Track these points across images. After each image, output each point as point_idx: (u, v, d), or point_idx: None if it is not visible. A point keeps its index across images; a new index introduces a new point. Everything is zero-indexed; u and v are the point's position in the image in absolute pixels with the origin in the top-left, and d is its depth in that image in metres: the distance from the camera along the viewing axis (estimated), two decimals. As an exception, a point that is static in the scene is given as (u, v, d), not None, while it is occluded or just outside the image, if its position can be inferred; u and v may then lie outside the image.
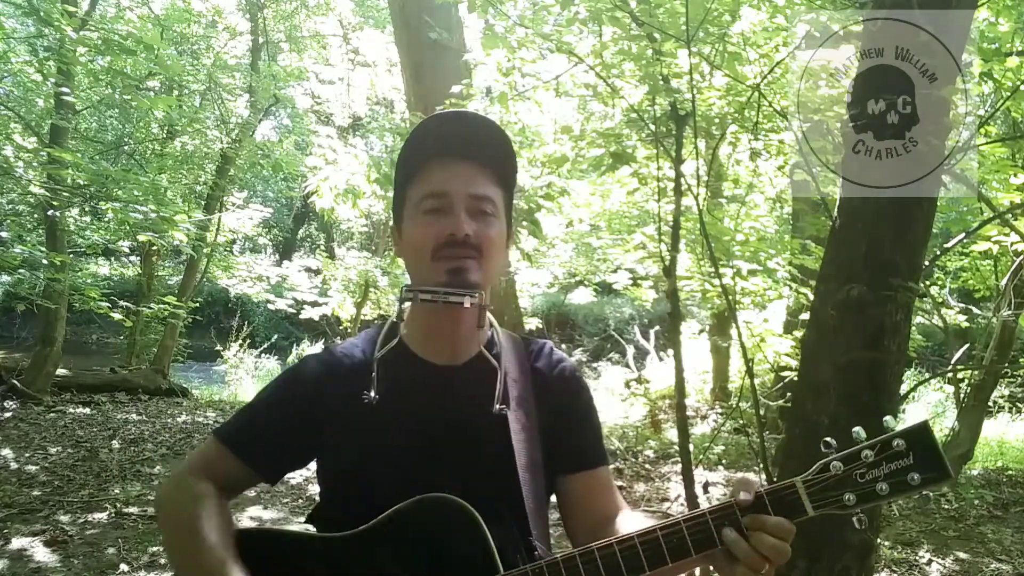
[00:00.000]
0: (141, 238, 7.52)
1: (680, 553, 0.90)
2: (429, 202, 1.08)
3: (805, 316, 2.97)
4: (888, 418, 0.91)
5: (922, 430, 0.89)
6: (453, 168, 1.09)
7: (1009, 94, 3.06)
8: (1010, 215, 3.21)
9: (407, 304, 1.10)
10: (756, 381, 3.23)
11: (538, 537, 1.05)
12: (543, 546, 1.06)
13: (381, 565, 1.00)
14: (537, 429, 1.11)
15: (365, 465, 1.07)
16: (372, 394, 1.06)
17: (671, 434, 6.27)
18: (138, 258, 10.90)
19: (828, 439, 0.94)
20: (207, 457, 1.11)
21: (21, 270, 7.57)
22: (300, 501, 4.41)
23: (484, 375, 1.11)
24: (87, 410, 6.50)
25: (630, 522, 1.06)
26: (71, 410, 6.41)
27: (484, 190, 1.09)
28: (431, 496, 0.98)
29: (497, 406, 1.08)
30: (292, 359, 11.39)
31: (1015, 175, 3.34)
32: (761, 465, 2.75)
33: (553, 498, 1.17)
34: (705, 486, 4.74)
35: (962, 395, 5.24)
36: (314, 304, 10.33)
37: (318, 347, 11.46)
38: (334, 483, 1.13)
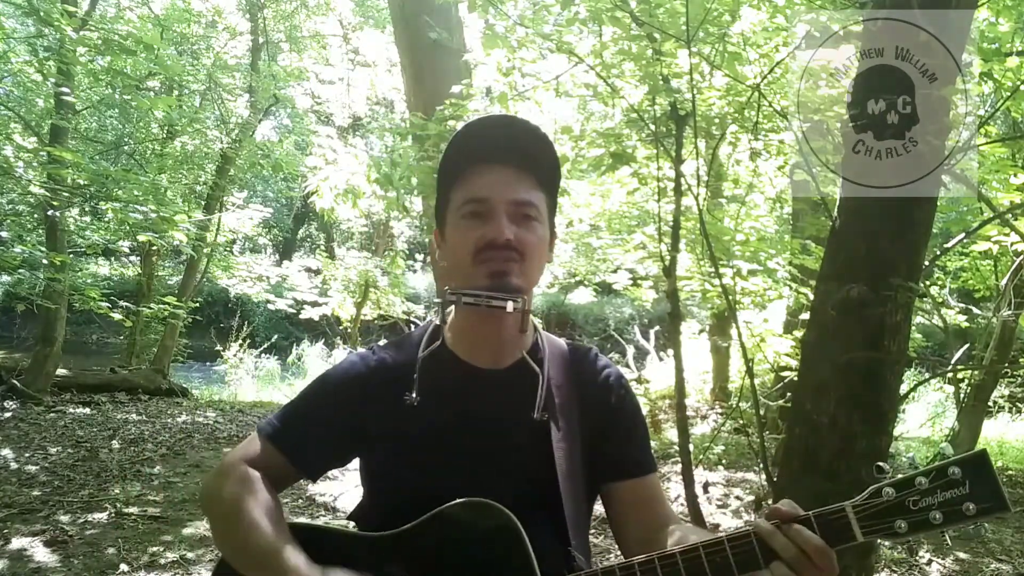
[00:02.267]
0: (141, 238, 7.52)
1: (722, 572, 0.90)
2: (470, 207, 1.08)
3: (805, 316, 2.97)
4: (945, 445, 0.90)
5: (980, 459, 0.87)
6: (495, 173, 1.09)
7: (1009, 94, 3.06)
8: (1010, 215, 3.21)
9: (450, 308, 1.11)
10: (756, 381, 3.23)
11: (577, 546, 1.05)
12: (582, 556, 1.05)
13: (421, 567, 1.01)
14: (579, 437, 1.10)
15: (404, 466, 1.08)
16: (414, 395, 1.07)
17: (671, 434, 6.27)
18: (138, 258, 10.90)
19: (881, 464, 0.92)
20: (250, 450, 1.12)
21: (21, 270, 7.57)
22: (300, 501, 4.41)
23: (527, 380, 1.10)
24: (87, 410, 6.50)
25: (679, 535, 1.05)
26: (71, 410, 6.41)
27: (526, 195, 1.09)
28: (475, 500, 0.98)
29: (538, 413, 1.08)
30: (292, 359, 11.41)
31: (1015, 175, 3.34)
32: (761, 465, 2.75)
33: (600, 507, 1.17)
34: (705, 486, 4.73)
35: (962, 395, 5.25)
36: (314, 304, 10.34)
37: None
38: (374, 482, 1.14)
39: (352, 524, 1.13)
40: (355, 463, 1.18)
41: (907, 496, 0.88)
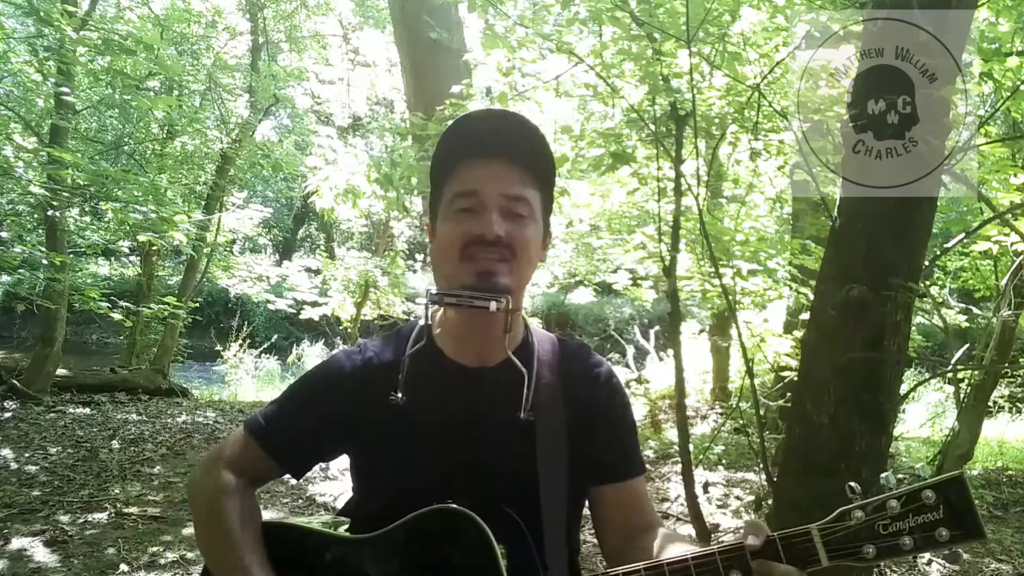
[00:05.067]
0: (141, 238, 7.52)
1: None
2: (461, 201, 1.06)
3: (805, 316, 2.97)
4: (920, 465, 0.88)
5: (956, 483, 0.83)
6: (487, 167, 1.07)
7: (1009, 94, 3.06)
8: (1010, 215, 3.21)
9: (433, 307, 1.10)
10: (756, 381, 3.23)
11: (556, 548, 1.04)
12: (560, 561, 1.05)
13: (390, 572, 1.01)
14: (565, 438, 1.09)
15: (389, 465, 1.08)
16: (399, 395, 1.06)
17: (671, 434, 6.27)
18: (138, 258, 10.90)
19: (852, 484, 0.88)
20: (236, 447, 1.13)
21: (21, 270, 7.57)
22: (300, 501, 4.41)
23: (513, 379, 1.09)
24: (87, 410, 6.50)
25: (659, 543, 1.04)
26: (71, 410, 6.41)
27: (518, 190, 1.07)
28: (446, 507, 0.98)
29: (523, 413, 1.06)
30: (292, 359, 11.41)
31: (1015, 175, 3.34)
32: (761, 465, 2.75)
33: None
34: (705, 486, 4.73)
35: (962, 395, 5.24)
36: (314, 304, 10.33)
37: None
38: (361, 480, 1.14)
39: (343, 518, 1.14)
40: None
41: (877, 519, 0.84)
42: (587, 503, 1.15)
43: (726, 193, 5.80)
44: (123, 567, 3.26)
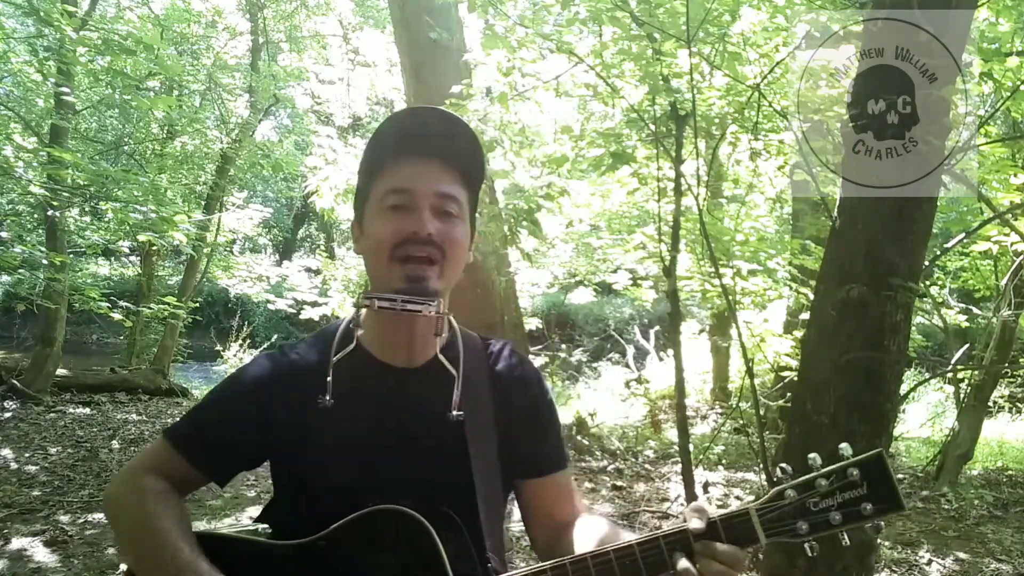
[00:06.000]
0: (141, 238, 7.52)
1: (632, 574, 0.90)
2: (392, 198, 1.05)
3: (805, 316, 2.97)
4: (844, 445, 0.91)
5: (876, 460, 0.89)
6: (419, 165, 1.06)
7: (1009, 94, 3.06)
8: (1010, 215, 3.21)
9: (364, 310, 1.06)
10: (756, 381, 3.23)
11: (492, 546, 1.04)
12: (496, 557, 1.05)
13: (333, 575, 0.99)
14: (494, 434, 1.09)
15: (318, 469, 1.05)
16: (327, 398, 1.04)
17: (671, 434, 6.27)
18: (138, 258, 10.90)
19: (784, 465, 0.94)
20: (157, 456, 1.09)
21: (21, 270, 7.57)
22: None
23: (441, 379, 1.08)
24: (87, 410, 6.50)
25: (590, 530, 1.05)
26: (71, 410, 6.41)
27: (450, 189, 1.06)
28: (384, 508, 0.97)
29: (454, 412, 1.05)
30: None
31: (1015, 175, 3.34)
32: (761, 465, 2.75)
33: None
34: (705, 486, 4.73)
35: (962, 395, 5.25)
36: (314, 304, 10.32)
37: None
38: (286, 485, 1.10)
39: (263, 526, 1.10)
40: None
41: (808, 498, 0.90)
42: (516, 499, 1.16)
43: (726, 193, 5.81)
44: (123, 567, 3.26)
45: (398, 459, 1.05)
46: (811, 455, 0.92)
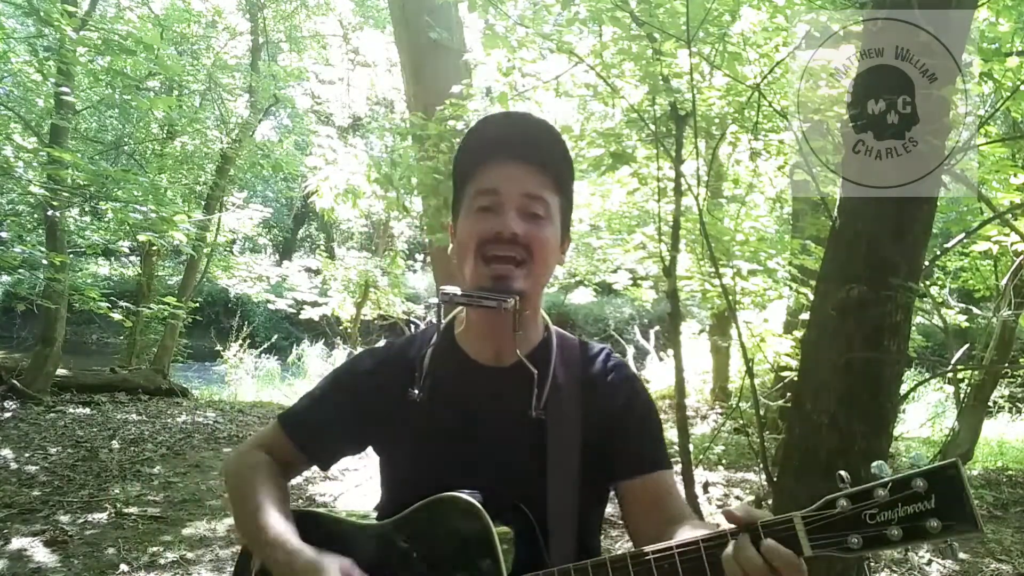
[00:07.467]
0: (141, 238, 7.52)
1: None
2: (481, 199, 1.09)
3: (805, 316, 2.97)
4: (917, 453, 0.82)
5: (950, 470, 0.77)
6: (508, 168, 1.10)
7: (1009, 94, 3.05)
8: (1010, 215, 3.21)
9: (444, 307, 1.13)
10: (756, 381, 3.23)
11: (561, 541, 1.05)
12: (564, 553, 1.06)
13: (393, 558, 1.05)
14: (579, 437, 1.10)
15: (407, 459, 1.14)
16: (416, 391, 1.11)
17: (671, 434, 6.26)
18: (138, 258, 10.90)
19: (842, 473, 0.84)
20: (269, 436, 1.21)
21: (21, 270, 7.57)
22: (300, 501, 4.41)
23: (528, 379, 1.11)
24: (87, 410, 6.50)
25: (689, 534, 1.04)
26: (71, 410, 6.41)
27: (536, 190, 1.09)
28: (444, 496, 1.01)
29: (535, 411, 1.09)
30: (292, 359, 11.40)
31: (1015, 175, 3.34)
32: (761, 465, 2.75)
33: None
34: (705, 486, 4.73)
35: (962, 395, 5.24)
36: (314, 304, 10.34)
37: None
38: (384, 473, 1.20)
39: (375, 515, 1.18)
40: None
41: (863, 508, 0.80)
42: (618, 501, 1.16)
43: (726, 193, 5.80)
44: (123, 567, 3.26)
45: (476, 455, 1.09)
46: (876, 463, 0.82)
